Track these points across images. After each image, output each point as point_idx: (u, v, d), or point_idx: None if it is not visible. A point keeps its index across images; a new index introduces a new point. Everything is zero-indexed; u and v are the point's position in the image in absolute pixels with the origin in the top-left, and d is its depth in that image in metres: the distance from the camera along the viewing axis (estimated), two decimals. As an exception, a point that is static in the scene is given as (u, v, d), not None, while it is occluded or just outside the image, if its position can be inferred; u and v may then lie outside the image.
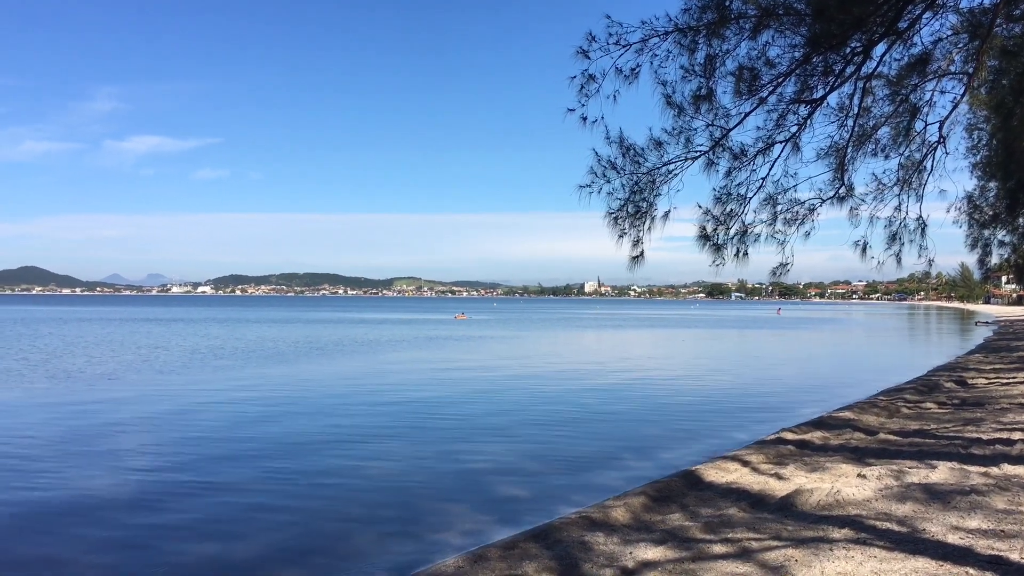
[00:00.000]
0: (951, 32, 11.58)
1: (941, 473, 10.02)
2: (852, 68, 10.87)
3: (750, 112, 11.20)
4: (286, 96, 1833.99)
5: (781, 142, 11.63)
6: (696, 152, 11.42)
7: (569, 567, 7.29)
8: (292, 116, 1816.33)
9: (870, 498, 8.98)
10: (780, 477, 10.83)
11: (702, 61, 10.81)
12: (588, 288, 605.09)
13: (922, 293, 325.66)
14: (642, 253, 11.73)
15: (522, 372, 30.49)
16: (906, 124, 12.53)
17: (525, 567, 7.40)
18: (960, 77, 12.08)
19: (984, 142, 16.57)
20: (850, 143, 12.09)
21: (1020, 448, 11.55)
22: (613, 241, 11.56)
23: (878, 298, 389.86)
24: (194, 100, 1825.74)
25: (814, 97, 11.22)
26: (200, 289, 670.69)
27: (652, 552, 7.47)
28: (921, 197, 12.85)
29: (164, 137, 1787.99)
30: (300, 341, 48.86)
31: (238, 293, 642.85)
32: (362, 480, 12.29)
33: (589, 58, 10.73)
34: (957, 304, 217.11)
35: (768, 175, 11.93)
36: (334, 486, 11.91)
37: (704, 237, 11.99)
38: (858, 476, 10.22)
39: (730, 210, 12.00)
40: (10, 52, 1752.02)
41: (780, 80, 10.91)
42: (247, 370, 30.13)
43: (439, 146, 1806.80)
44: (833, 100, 11.70)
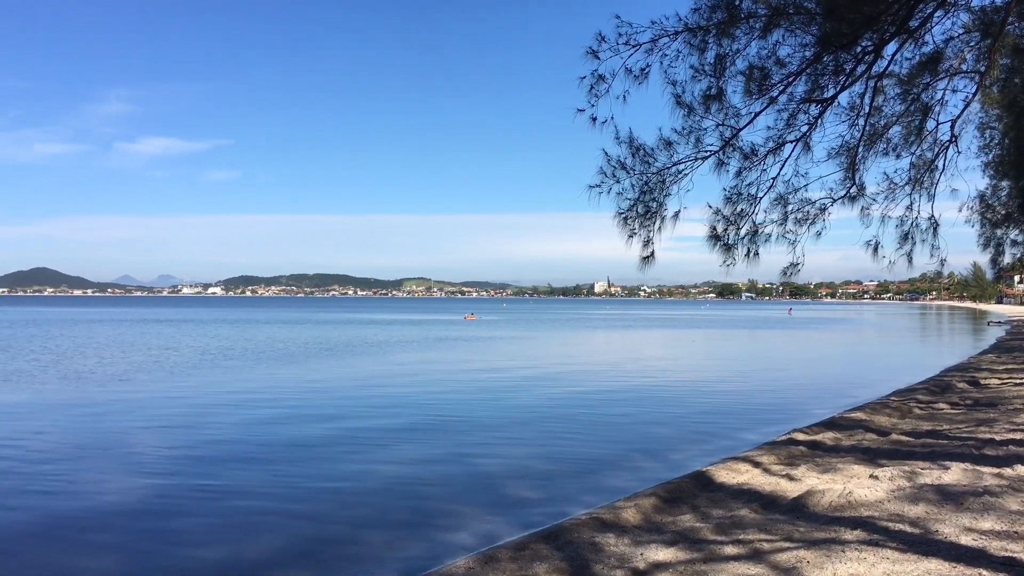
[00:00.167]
0: (963, 30, 11.52)
1: (954, 474, 9.96)
2: (863, 67, 10.84)
3: (760, 112, 11.18)
4: (296, 97, 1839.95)
5: (792, 141, 11.60)
6: (706, 152, 11.40)
7: (580, 568, 7.27)
8: (302, 117, 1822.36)
9: (882, 499, 8.93)
10: (791, 478, 10.78)
11: (712, 61, 10.80)
12: (598, 288, 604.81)
13: (934, 293, 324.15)
14: (652, 253, 11.72)
15: (532, 373, 30.48)
16: (918, 123, 12.48)
17: (536, 568, 7.39)
18: (972, 76, 12.02)
19: (996, 141, 16.48)
20: (861, 142, 12.05)
21: (1034, 449, 11.47)
22: (623, 241, 11.56)
23: (890, 298, 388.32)
24: (204, 102, 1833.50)
25: (825, 96, 11.19)
26: (211, 290, 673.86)
27: (663, 553, 7.45)
28: (933, 196, 12.81)
29: (174, 139, 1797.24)
30: (310, 342, 48.97)
31: (248, 294, 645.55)
32: (372, 481, 12.29)
33: (599, 58, 10.73)
34: (969, 304, 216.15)
35: (779, 175, 11.91)
36: (344, 487, 11.92)
37: (715, 237, 11.96)
38: (870, 477, 10.17)
39: (741, 210, 11.97)
40: (21, 55, 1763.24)
41: (791, 79, 10.89)
42: (257, 371, 30.22)
43: (448, 147, 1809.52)
44: (844, 99, 11.67)
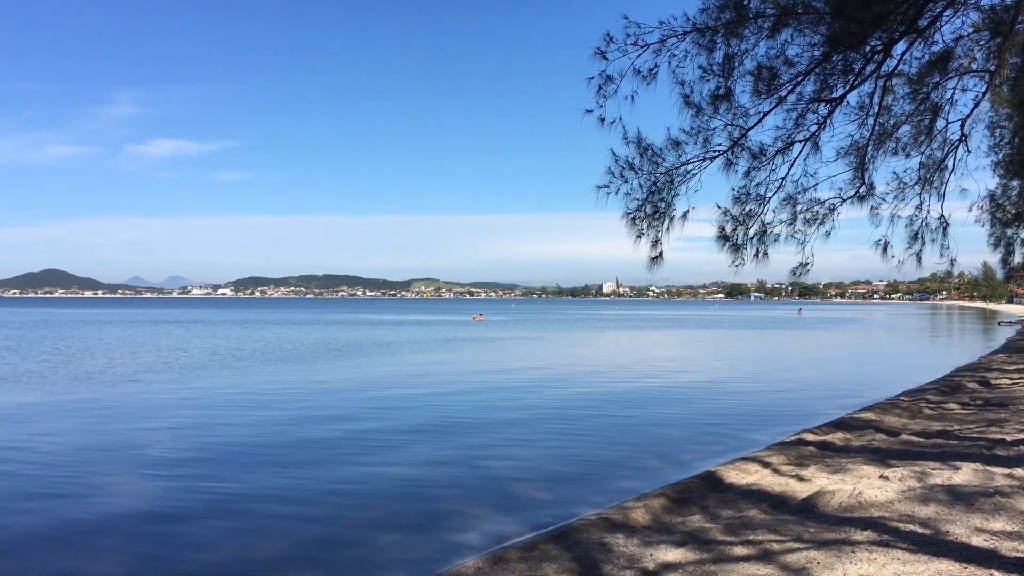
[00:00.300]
0: (972, 29, 11.47)
1: (964, 474, 9.93)
2: (872, 66, 10.80)
3: (769, 111, 11.16)
4: (305, 99, 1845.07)
5: (800, 141, 11.57)
6: (715, 152, 11.39)
7: (589, 568, 7.28)
8: (311, 119, 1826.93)
9: (893, 500, 8.91)
10: (801, 479, 10.76)
11: (720, 61, 10.78)
12: (606, 289, 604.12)
13: (944, 293, 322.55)
14: (661, 254, 11.71)
15: (541, 374, 30.49)
16: (927, 122, 12.44)
17: (545, 568, 7.40)
18: (982, 75, 11.97)
19: (1006, 140, 16.37)
20: (870, 142, 12.01)
21: (1045, 449, 11.42)
22: (631, 242, 11.56)
23: (899, 298, 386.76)
24: (213, 103, 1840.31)
25: (834, 96, 11.16)
26: (220, 291, 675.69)
27: (672, 554, 7.45)
28: (942, 196, 12.76)
29: (184, 140, 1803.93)
30: (319, 343, 49.07)
31: (258, 295, 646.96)
32: (382, 482, 12.31)
33: (607, 59, 10.74)
34: (980, 304, 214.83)
35: (788, 175, 11.89)
36: (353, 488, 11.95)
37: (723, 237, 11.94)
38: (880, 477, 10.14)
39: (749, 210, 11.95)
40: (32, 58, 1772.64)
41: (799, 79, 10.86)
42: (266, 372, 30.31)
43: (456, 148, 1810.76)
44: (853, 99, 11.64)
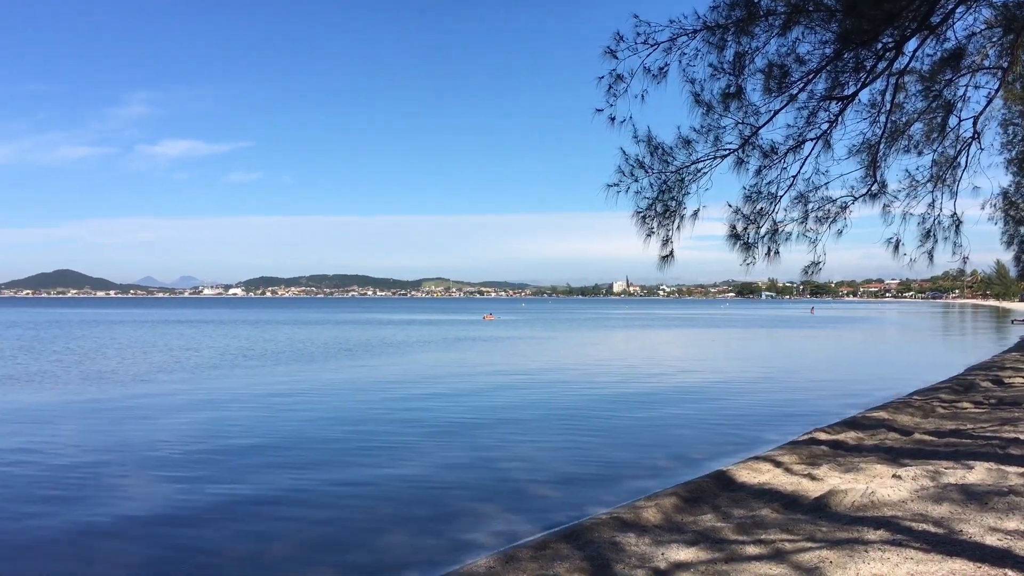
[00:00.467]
0: (985, 26, 11.41)
1: (978, 473, 9.87)
2: (884, 64, 10.76)
3: (780, 109, 11.14)
4: (316, 99, 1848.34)
5: (812, 139, 11.54)
6: (725, 150, 11.37)
7: (600, 568, 7.27)
8: (322, 119, 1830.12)
9: (906, 499, 8.87)
10: (813, 478, 10.72)
11: (731, 59, 10.78)
12: (617, 288, 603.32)
13: (956, 291, 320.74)
14: (671, 252, 11.70)
15: (550, 373, 30.47)
16: (940, 120, 12.38)
17: (556, 567, 7.39)
18: (994, 72, 11.90)
19: (1019, 137, 16.29)
20: (882, 140, 11.97)
21: (1059, 448, 11.35)
22: (641, 240, 11.55)
23: (912, 296, 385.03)
24: (225, 104, 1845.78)
25: (845, 94, 11.12)
26: (231, 291, 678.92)
27: (684, 553, 7.43)
28: (955, 194, 12.71)
29: (196, 141, 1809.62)
30: (329, 342, 49.19)
31: (268, 295, 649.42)
32: (392, 481, 12.33)
33: (617, 58, 10.76)
34: (993, 302, 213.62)
35: (799, 173, 11.86)
36: (364, 487, 11.97)
37: (734, 236, 11.92)
38: (893, 477, 10.09)
39: (760, 208, 11.93)
40: (45, 60, 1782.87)
41: (810, 77, 10.83)
42: (277, 372, 30.40)
43: (467, 148, 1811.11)
44: (865, 96, 11.61)
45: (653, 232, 11.54)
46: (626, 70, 10.83)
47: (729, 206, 11.90)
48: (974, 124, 12.21)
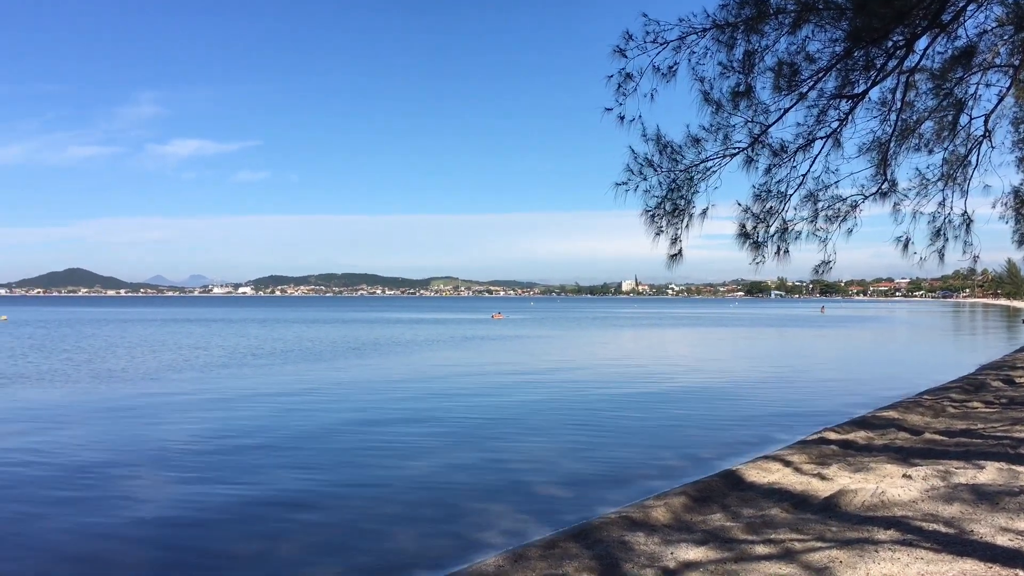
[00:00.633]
0: (996, 24, 11.35)
1: (989, 473, 9.83)
2: (894, 62, 10.72)
3: (790, 108, 11.12)
4: (324, 98, 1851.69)
5: (822, 138, 11.51)
6: (735, 149, 11.35)
7: (609, 567, 7.27)
8: (330, 118, 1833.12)
9: (916, 499, 8.83)
10: (823, 477, 10.70)
11: (741, 57, 10.76)
12: (625, 287, 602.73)
13: (967, 290, 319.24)
14: (680, 251, 11.68)
15: (559, 372, 30.46)
16: (950, 118, 12.33)
17: (565, 566, 7.39)
18: (1006, 70, 11.84)
19: (1032, 135, 16.18)
20: (893, 138, 11.92)
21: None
22: (650, 239, 11.54)
23: (922, 295, 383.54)
24: (233, 103, 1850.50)
25: (855, 92, 11.08)
26: (241, 290, 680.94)
27: (693, 552, 7.43)
28: (966, 192, 12.67)
29: (204, 140, 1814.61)
30: (338, 341, 49.29)
31: (278, 294, 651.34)
32: (402, 479, 12.35)
33: (626, 57, 10.75)
34: (1004, 301, 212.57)
35: (809, 171, 11.83)
36: (373, 486, 11.99)
37: (744, 235, 11.89)
38: (903, 476, 10.06)
39: (770, 207, 11.90)
40: (54, 59, 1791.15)
41: (820, 75, 10.80)
42: (285, 371, 30.47)
43: (473, 147, 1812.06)
44: (875, 95, 11.57)
45: (662, 231, 11.53)
46: (635, 69, 10.84)
47: (738, 205, 11.88)
48: (985, 122, 12.16)
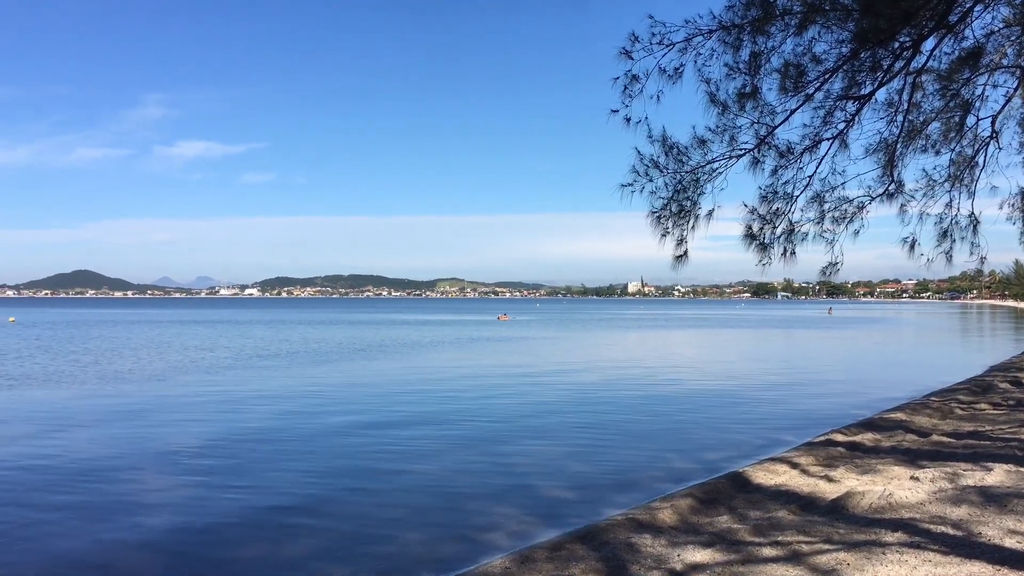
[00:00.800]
0: (1003, 25, 11.34)
1: (997, 475, 9.80)
2: (901, 63, 10.70)
3: (796, 109, 11.10)
4: (330, 100, 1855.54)
5: (828, 139, 11.50)
6: (741, 150, 11.35)
7: (616, 569, 7.26)
8: (336, 120, 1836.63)
9: (923, 501, 8.81)
10: (830, 479, 10.68)
11: (747, 58, 10.76)
12: (631, 288, 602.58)
13: (974, 292, 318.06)
14: (686, 252, 11.67)
15: (565, 374, 30.45)
16: (957, 119, 12.31)
17: (572, 568, 7.39)
18: (1013, 71, 11.83)
19: (1039, 136, 16.13)
20: (899, 139, 11.91)
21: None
22: (656, 241, 11.54)
23: (928, 297, 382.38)
24: (239, 105, 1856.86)
25: (862, 93, 11.07)
26: (247, 291, 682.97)
27: (700, 554, 7.42)
28: (973, 193, 12.64)
29: (211, 142, 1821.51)
30: (344, 343, 49.33)
31: (284, 295, 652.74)
32: (408, 481, 12.36)
33: (632, 59, 10.76)
34: (1011, 303, 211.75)
35: (815, 173, 11.82)
36: (380, 487, 12.01)
37: (750, 236, 11.88)
38: (911, 478, 10.03)
39: (776, 208, 11.89)
40: (62, 62, 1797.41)
41: (827, 76, 10.79)
42: (292, 372, 30.51)
43: (480, 148, 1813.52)
44: (881, 96, 11.56)
45: (668, 232, 11.52)
46: (641, 71, 10.84)
47: (745, 206, 11.88)
48: (992, 123, 12.14)
